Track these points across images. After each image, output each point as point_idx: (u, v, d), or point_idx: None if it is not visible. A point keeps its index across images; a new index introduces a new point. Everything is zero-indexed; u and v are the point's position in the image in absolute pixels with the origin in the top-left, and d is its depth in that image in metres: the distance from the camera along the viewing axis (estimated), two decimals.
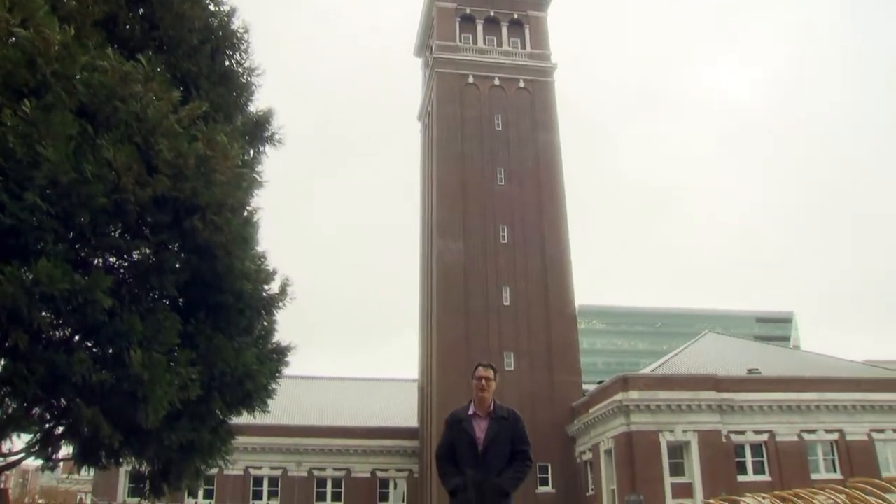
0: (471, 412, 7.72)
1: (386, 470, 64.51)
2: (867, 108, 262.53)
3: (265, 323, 11.24)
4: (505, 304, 60.42)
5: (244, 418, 11.88)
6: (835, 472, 49.51)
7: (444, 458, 7.75)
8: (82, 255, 9.14)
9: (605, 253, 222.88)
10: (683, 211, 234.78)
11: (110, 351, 9.01)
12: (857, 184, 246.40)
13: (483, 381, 7.66)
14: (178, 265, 9.51)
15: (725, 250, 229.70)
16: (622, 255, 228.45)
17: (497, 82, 67.22)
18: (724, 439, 49.63)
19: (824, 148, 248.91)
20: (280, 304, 11.19)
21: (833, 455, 51.62)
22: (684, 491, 46.31)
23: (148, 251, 9.53)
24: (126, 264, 9.88)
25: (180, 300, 10.06)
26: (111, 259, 9.78)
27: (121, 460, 10.77)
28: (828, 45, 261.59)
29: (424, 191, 71.69)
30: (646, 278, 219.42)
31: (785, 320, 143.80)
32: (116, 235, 9.34)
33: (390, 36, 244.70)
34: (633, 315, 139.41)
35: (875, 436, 52.12)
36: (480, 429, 7.57)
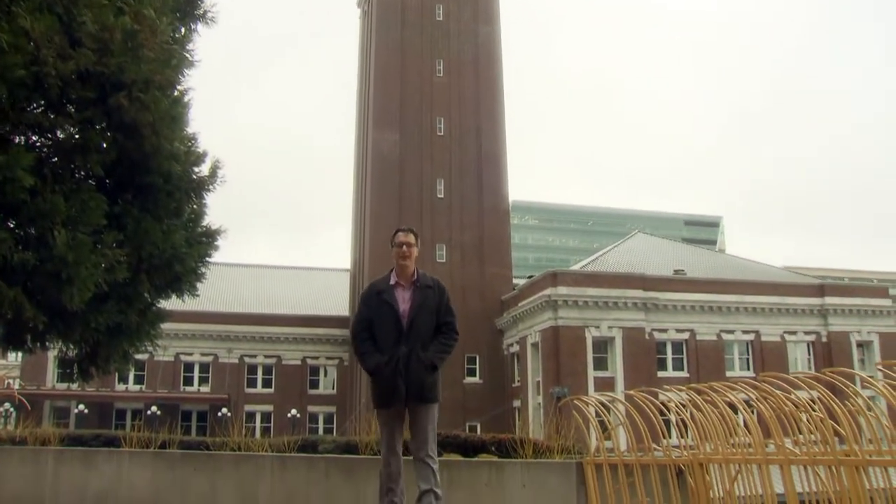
0: (392, 282, 7.00)
1: (316, 357, 65.36)
2: (810, 13, 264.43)
3: (195, 206, 10.91)
4: (439, 196, 60.59)
5: (175, 304, 11.73)
6: (748, 370, 52.02)
7: (361, 335, 6.88)
8: (1, 132, 8.74)
9: (540, 149, 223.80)
10: (621, 111, 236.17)
11: (33, 231, 8.74)
12: (789, 91, 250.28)
13: (404, 248, 7.00)
14: (104, 144, 9.16)
15: (658, 152, 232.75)
16: (558, 152, 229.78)
17: None
18: (647, 336, 51.44)
19: (757, 58, 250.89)
20: (210, 186, 10.85)
21: (748, 354, 54.12)
22: (606, 384, 48.05)
23: (72, 129, 9.14)
24: (49, 142, 9.50)
25: (107, 181, 9.74)
26: (33, 137, 9.38)
27: (47, 343, 10.57)
28: None
29: (362, 80, 70.38)
30: (579, 177, 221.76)
31: (712, 224, 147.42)
32: (38, 112, 8.94)
33: None
34: (565, 212, 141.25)
35: (787, 337, 54.73)
36: (404, 300, 6.88)
